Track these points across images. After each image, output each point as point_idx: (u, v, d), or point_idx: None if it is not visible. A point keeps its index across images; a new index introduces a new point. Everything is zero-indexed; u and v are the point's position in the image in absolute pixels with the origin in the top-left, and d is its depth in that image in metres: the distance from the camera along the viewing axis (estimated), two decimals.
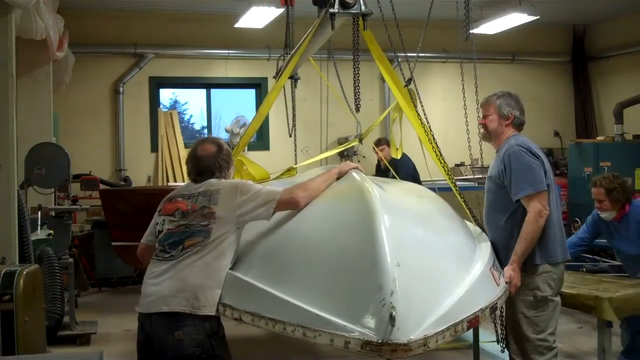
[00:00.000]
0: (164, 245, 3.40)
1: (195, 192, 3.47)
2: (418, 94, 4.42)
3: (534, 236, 3.85)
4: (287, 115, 6.73)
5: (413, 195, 4.07)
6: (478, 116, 4.49)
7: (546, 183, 3.94)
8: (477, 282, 3.11)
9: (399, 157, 6.81)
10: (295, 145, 7.19)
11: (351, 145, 6.81)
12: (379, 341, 2.52)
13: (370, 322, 2.58)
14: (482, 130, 4.28)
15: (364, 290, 2.69)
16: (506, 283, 3.68)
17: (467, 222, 4.20)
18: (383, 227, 2.85)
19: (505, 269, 3.82)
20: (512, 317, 4.02)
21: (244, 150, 5.04)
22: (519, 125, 4.21)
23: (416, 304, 2.65)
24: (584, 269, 6.77)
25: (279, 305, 2.92)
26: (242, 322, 3.14)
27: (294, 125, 6.85)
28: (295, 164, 6.38)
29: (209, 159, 3.55)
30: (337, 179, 3.56)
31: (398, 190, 4.07)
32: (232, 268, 3.35)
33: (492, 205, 4.14)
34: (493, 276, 3.42)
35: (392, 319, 2.52)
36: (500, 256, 3.92)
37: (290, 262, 3.14)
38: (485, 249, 3.69)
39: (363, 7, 4.05)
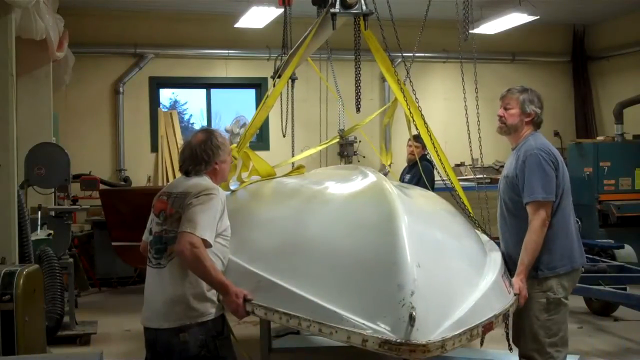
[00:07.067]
0: (152, 250, 3.39)
1: (175, 193, 3.39)
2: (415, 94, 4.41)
3: (540, 244, 3.68)
4: (281, 115, 6.73)
5: (425, 199, 4.08)
6: (477, 114, 4.48)
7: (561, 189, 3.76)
8: (491, 289, 3.11)
9: (388, 163, 6.82)
10: (293, 145, 7.18)
11: (333, 141, 6.79)
12: (398, 341, 2.51)
13: (389, 321, 2.57)
14: (499, 123, 3.99)
15: (383, 289, 2.67)
16: (515, 295, 3.54)
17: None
18: (404, 226, 2.84)
19: (514, 280, 3.62)
20: (524, 320, 3.80)
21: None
22: (538, 124, 3.96)
23: (435, 306, 2.64)
24: (583, 268, 6.76)
25: (293, 299, 2.90)
26: (255, 315, 3.13)
27: (292, 124, 6.84)
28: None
29: (195, 147, 3.45)
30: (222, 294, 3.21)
31: (412, 192, 4.07)
32: (245, 261, 3.33)
33: (507, 205, 3.92)
34: (505, 284, 3.43)
35: (411, 319, 2.51)
36: (514, 258, 3.75)
37: (305, 257, 3.11)
38: (496, 257, 3.66)
39: (364, 7, 4.04)
